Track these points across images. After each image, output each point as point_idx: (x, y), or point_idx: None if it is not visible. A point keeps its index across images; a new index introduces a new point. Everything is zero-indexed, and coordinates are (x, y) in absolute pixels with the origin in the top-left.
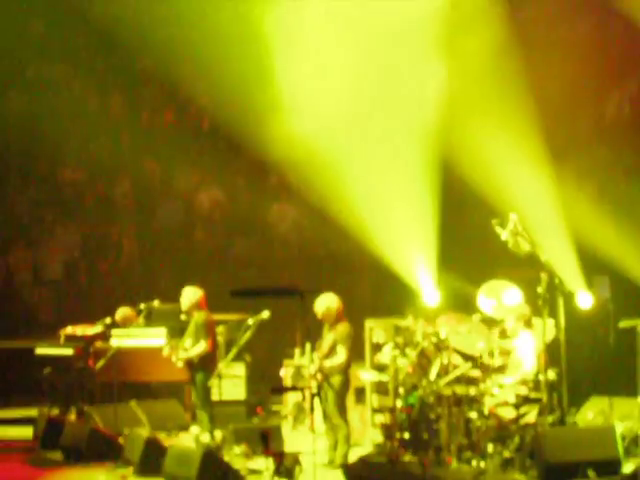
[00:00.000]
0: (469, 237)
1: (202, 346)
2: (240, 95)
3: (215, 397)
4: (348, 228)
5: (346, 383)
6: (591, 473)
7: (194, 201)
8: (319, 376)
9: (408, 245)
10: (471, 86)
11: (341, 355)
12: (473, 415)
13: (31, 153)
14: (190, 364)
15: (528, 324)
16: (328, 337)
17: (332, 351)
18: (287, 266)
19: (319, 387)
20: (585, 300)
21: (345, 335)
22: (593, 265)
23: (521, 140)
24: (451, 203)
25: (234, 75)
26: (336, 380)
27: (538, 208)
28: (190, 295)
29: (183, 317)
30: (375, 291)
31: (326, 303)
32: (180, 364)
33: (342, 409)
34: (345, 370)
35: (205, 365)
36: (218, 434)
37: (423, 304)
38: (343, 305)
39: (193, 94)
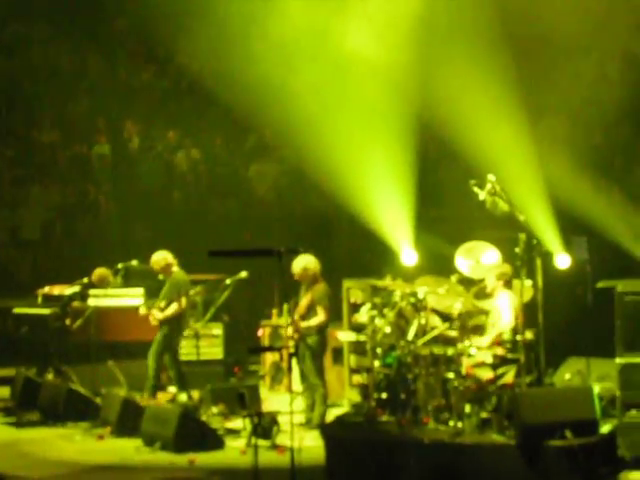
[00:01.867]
0: (446, 197)
1: (174, 307)
2: (219, 52)
3: (193, 357)
4: (326, 188)
5: (323, 343)
6: (568, 434)
7: (172, 161)
8: (296, 336)
9: (386, 205)
10: (450, 41)
11: (320, 315)
12: (450, 375)
13: (8, 113)
14: (164, 323)
15: (508, 284)
16: (305, 297)
17: (309, 311)
18: (265, 226)
19: (296, 347)
20: (563, 261)
21: (322, 295)
22: (571, 226)
23: (500, 99)
24: (428, 163)
25: (213, 32)
26: (313, 340)
27: (516, 168)
28: (158, 260)
29: (160, 277)
30: (353, 251)
31: (303, 264)
32: (155, 323)
33: (319, 369)
34: (322, 330)
35: (177, 324)
36: (195, 394)
37: (401, 264)
38: (321, 266)
39: (171, 52)
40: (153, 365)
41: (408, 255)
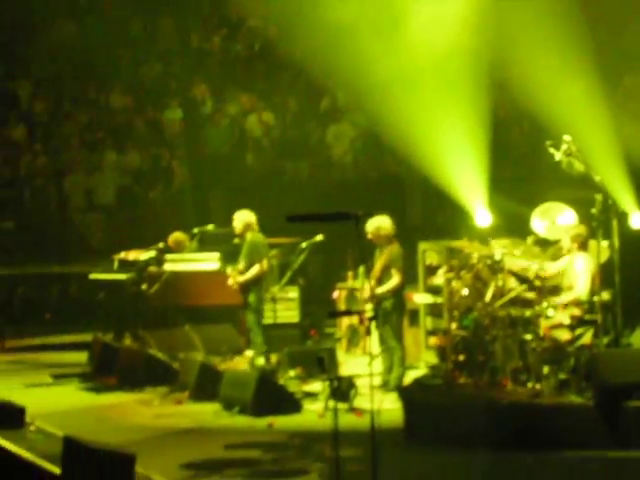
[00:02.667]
0: (521, 158)
1: (256, 268)
2: (291, 17)
3: (269, 320)
4: (399, 150)
5: (400, 305)
6: None
7: (245, 125)
8: (373, 300)
9: (459, 166)
10: (521, 5)
11: (395, 278)
12: (528, 337)
13: (81, 79)
14: (243, 287)
15: (584, 245)
16: (380, 260)
17: (384, 274)
18: (339, 189)
19: (375, 311)
20: (639, 220)
21: (396, 256)
22: None
23: (573, 58)
24: (502, 123)
25: None
26: (390, 303)
27: (591, 128)
28: (243, 217)
29: (236, 241)
30: (428, 213)
31: (377, 224)
32: (235, 287)
33: (397, 332)
34: (398, 292)
35: (258, 287)
36: (273, 357)
37: (476, 226)
38: (395, 227)
39: (243, 16)
40: (259, 336)
41: (482, 216)
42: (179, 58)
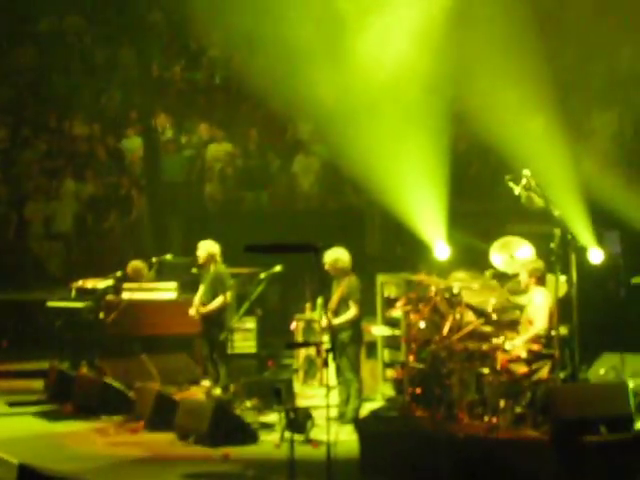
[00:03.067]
0: (479, 192)
1: (220, 300)
2: (252, 47)
3: (226, 351)
4: (359, 182)
5: (358, 337)
6: (603, 429)
7: (204, 154)
8: (329, 332)
9: (418, 200)
10: (482, 35)
11: (352, 309)
12: (485, 370)
13: (41, 106)
14: (206, 318)
15: (541, 280)
16: (337, 292)
17: (341, 305)
18: (299, 219)
19: (333, 342)
20: (596, 256)
21: (354, 289)
22: (603, 220)
23: (536, 94)
24: (461, 157)
25: (245, 27)
26: (347, 335)
27: (548, 163)
28: (207, 248)
29: (194, 270)
30: (387, 246)
31: (335, 256)
32: (196, 317)
33: (354, 364)
34: (356, 324)
35: (222, 319)
36: (230, 388)
37: (435, 259)
38: (353, 259)
39: (204, 46)
40: (223, 367)
41: (441, 250)
42: (139, 87)
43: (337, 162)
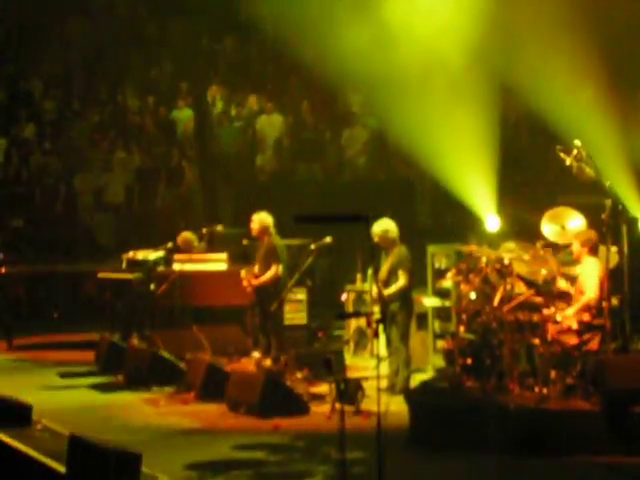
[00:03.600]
0: (530, 162)
1: (274, 270)
2: (304, 19)
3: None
4: (410, 154)
5: (408, 308)
6: None
7: (255, 126)
8: (381, 302)
9: (469, 170)
10: (532, 6)
11: (401, 279)
12: (536, 341)
13: (93, 79)
14: (260, 290)
15: (594, 251)
16: (386, 263)
17: (391, 276)
18: (350, 191)
19: (383, 313)
20: None
21: (403, 258)
22: None
23: (583, 65)
24: (512, 128)
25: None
26: (397, 305)
27: (600, 136)
28: (261, 220)
29: (245, 242)
30: (437, 217)
31: (383, 227)
32: (250, 290)
33: (404, 334)
34: (406, 294)
35: (276, 290)
36: (280, 359)
37: (485, 230)
38: (401, 230)
39: (255, 18)
40: (277, 338)
41: (492, 221)
42: (190, 59)
43: (386, 133)
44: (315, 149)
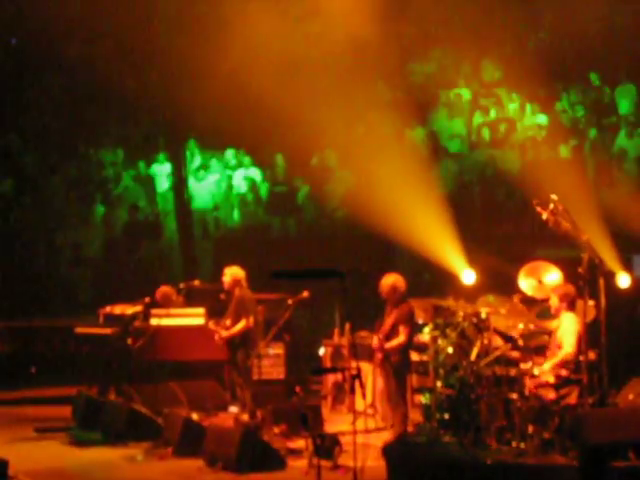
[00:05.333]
0: (506, 216)
1: (243, 323)
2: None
3: (254, 376)
4: (384, 209)
5: (406, 363)
6: (631, 454)
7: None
8: (379, 355)
9: (443, 227)
10: None
11: (401, 335)
12: (513, 396)
13: (72, 133)
14: (231, 343)
15: (572, 305)
16: (390, 317)
17: (393, 330)
18: (326, 246)
19: (358, 370)
20: (624, 280)
21: (407, 315)
22: (632, 245)
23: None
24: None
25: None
26: (396, 359)
27: (575, 189)
28: (233, 273)
29: (222, 297)
30: (414, 271)
31: (392, 281)
32: (221, 343)
33: (401, 389)
34: (405, 350)
35: (246, 343)
36: (258, 414)
37: (462, 284)
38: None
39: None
40: (247, 393)
41: (467, 275)
42: (168, 112)
43: (362, 189)
44: (290, 203)
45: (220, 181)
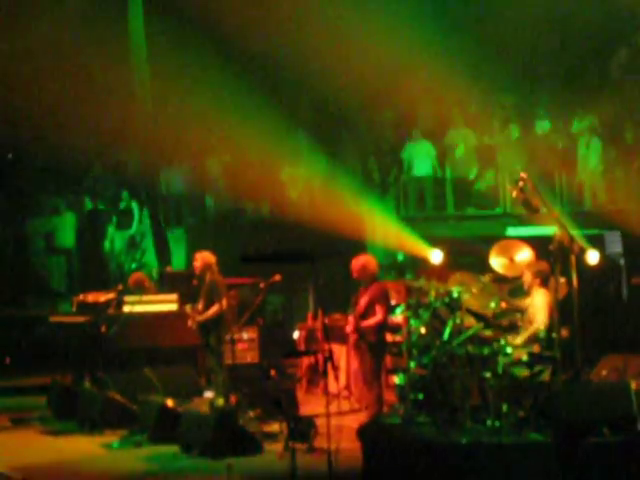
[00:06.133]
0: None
1: (215, 308)
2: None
3: (229, 361)
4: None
5: (382, 342)
6: (606, 430)
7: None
8: (354, 336)
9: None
10: None
11: (378, 314)
12: (487, 375)
13: (41, 121)
14: (204, 327)
15: (545, 282)
16: (364, 297)
17: (368, 310)
18: (297, 230)
19: (330, 352)
20: (593, 257)
21: (382, 294)
22: (604, 222)
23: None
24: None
25: None
26: (373, 339)
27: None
28: (203, 258)
29: (195, 282)
30: (386, 252)
31: (362, 262)
32: (195, 327)
33: (377, 370)
34: (382, 329)
35: (219, 327)
36: (232, 398)
37: (434, 264)
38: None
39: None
40: (219, 376)
41: (435, 255)
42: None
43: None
44: (262, 188)
45: (192, 167)
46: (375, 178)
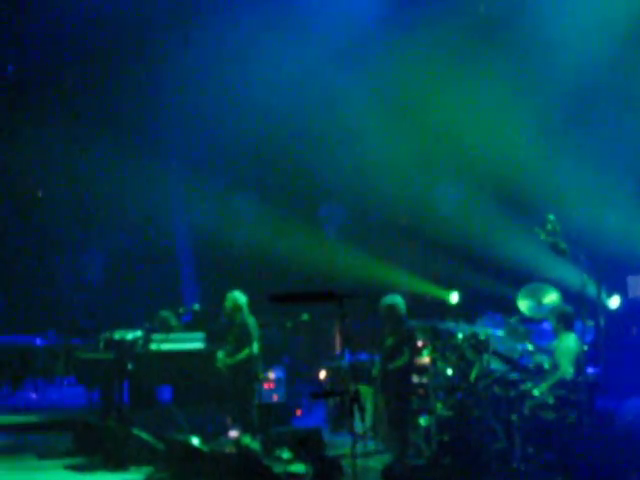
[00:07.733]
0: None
1: (247, 351)
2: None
3: (255, 400)
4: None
5: (408, 384)
6: (635, 477)
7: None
8: (381, 377)
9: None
10: None
11: (406, 355)
12: (513, 417)
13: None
14: (233, 368)
15: (570, 325)
16: (391, 338)
17: (395, 352)
18: (325, 269)
19: (357, 392)
20: (616, 301)
21: (409, 335)
22: (628, 265)
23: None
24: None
25: None
26: (398, 380)
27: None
28: (234, 299)
29: (222, 321)
30: (415, 294)
31: (390, 302)
32: (223, 369)
33: (402, 411)
34: (408, 371)
35: (248, 368)
36: (258, 438)
37: (461, 306)
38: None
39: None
40: (249, 417)
41: (453, 296)
42: None
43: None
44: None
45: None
46: None
